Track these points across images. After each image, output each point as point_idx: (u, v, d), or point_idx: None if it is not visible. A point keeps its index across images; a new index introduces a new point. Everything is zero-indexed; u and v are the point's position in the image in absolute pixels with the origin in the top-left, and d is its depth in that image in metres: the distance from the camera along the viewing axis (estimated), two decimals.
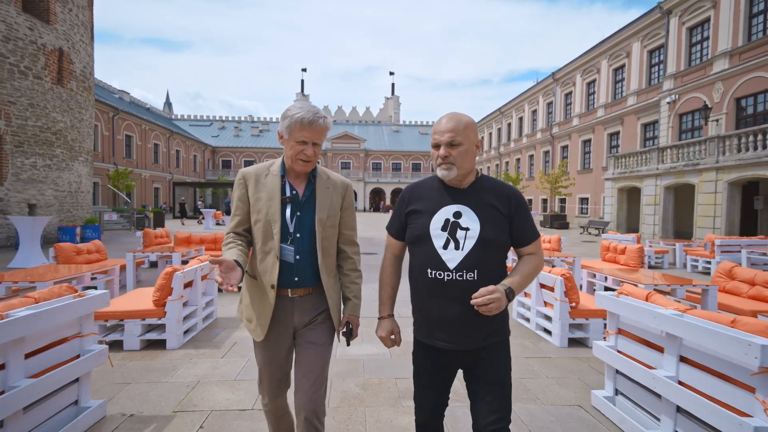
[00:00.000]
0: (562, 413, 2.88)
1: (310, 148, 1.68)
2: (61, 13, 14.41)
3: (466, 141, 1.56)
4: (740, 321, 2.08)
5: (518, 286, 1.53)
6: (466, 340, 1.56)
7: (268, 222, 1.72)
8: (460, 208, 1.59)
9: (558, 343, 4.31)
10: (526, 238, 1.61)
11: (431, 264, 1.57)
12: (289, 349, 1.84)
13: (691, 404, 2.16)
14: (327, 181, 1.83)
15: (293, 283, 1.74)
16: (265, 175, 1.78)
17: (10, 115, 12.71)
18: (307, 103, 1.72)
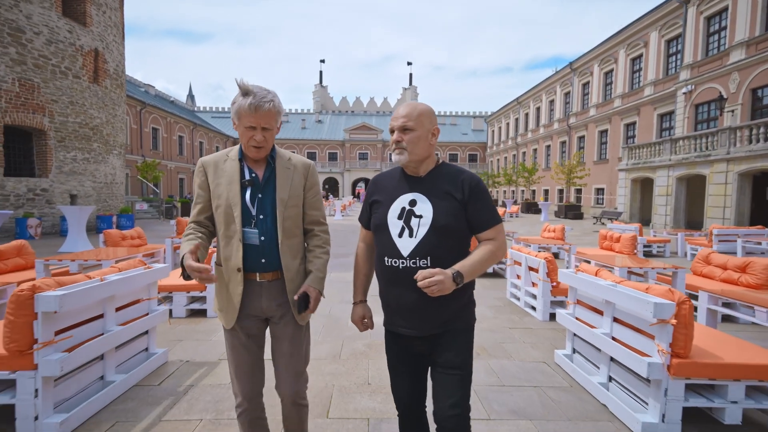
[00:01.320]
0: (529, 367, 3.55)
1: (259, 133, 1.66)
2: (95, 15, 15.39)
3: (418, 127, 1.58)
4: (652, 288, 2.70)
5: (468, 270, 1.50)
6: (423, 325, 1.59)
7: (229, 206, 1.71)
8: (416, 195, 1.61)
9: (540, 318, 4.94)
10: (481, 224, 1.60)
11: (387, 252, 1.61)
12: (259, 338, 1.84)
13: (618, 353, 2.79)
14: (287, 162, 1.82)
15: (261, 265, 1.73)
16: (224, 161, 1.78)
17: (53, 113, 13.79)
18: (258, 86, 1.66)
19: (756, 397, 2.53)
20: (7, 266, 5.15)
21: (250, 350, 1.79)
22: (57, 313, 2.41)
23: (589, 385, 3.07)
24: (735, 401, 2.48)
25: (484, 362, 3.62)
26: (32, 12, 12.89)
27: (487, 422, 2.64)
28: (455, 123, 62.48)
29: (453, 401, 1.55)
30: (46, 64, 13.44)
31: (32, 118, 13.15)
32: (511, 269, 5.97)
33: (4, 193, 12.60)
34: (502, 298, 5.99)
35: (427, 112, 1.62)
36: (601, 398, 2.92)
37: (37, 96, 13.22)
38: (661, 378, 2.45)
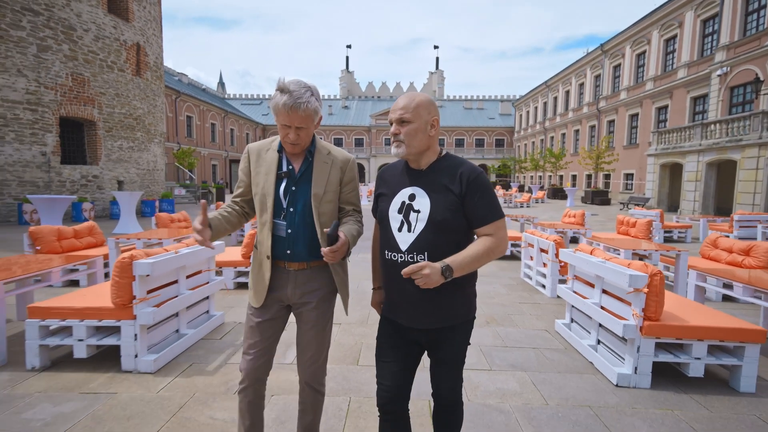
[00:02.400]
0: (531, 334, 4.07)
1: (292, 133, 1.67)
2: (137, 10, 16.30)
3: (416, 119, 1.57)
4: (632, 264, 3.16)
5: (459, 264, 1.48)
6: (422, 320, 1.60)
7: (264, 195, 1.77)
8: (415, 190, 1.61)
9: (549, 294, 5.42)
10: (479, 219, 1.56)
11: (387, 246, 1.63)
12: (279, 321, 1.88)
13: (603, 319, 3.28)
14: (326, 156, 1.83)
15: (286, 255, 1.78)
16: (267, 150, 1.82)
17: (102, 105, 14.86)
18: (297, 81, 1.65)
19: (717, 355, 2.99)
20: (81, 244, 6.00)
21: (265, 333, 1.83)
22: (149, 276, 3.10)
23: (581, 347, 3.57)
24: (698, 357, 2.94)
25: (492, 329, 4.16)
26: (81, 10, 13.86)
27: (489, 372, 3.20)
28: (482, 107, 61.71)
29: (449, 385, 1.67)
30: (95, 59, 14.46)
31: (83, 110, 14.25)
32: (525, 251, 6.43)
33: (60, 180, 13.80)
34: (516, 278, 6.47)
35: (424, 104, 1.59)
36: (588, 357, 3.43)
37: (87, 89, 14.28)
38: (635, 337, 2.94)
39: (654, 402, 2.77)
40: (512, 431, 2.43)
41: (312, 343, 1.85)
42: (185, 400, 2.69)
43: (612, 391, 2.92)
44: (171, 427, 2.40)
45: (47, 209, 8.59)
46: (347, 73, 70.55)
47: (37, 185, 13.18)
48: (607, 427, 2.48)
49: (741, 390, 2.92)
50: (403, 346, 1.68)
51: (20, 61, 12.51)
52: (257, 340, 1.82)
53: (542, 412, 2.64)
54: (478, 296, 5.16)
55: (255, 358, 1.82)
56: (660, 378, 3.06)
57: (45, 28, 12.94)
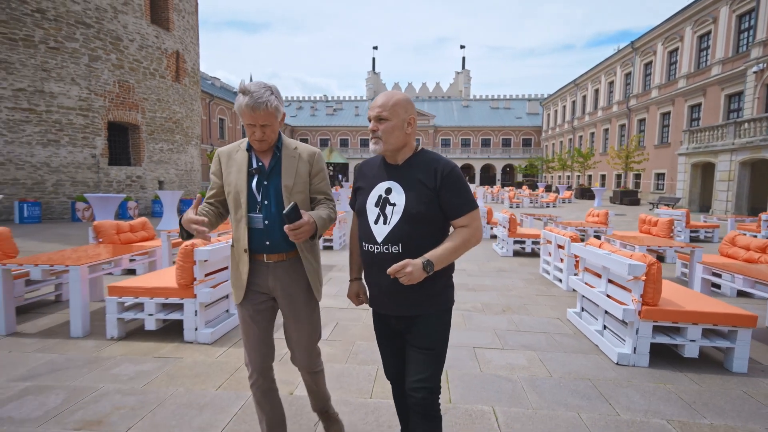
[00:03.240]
0: (543, 321, 4.40)
1: (258, 131, 1.76)
2: (177, 20, 17.29)
3: (393, 117, 1.62)
4: (634, 255, 3.47)
5: (439, 258, 1.55)
6: (396, 307, 1.68)
7: (237, 192, 1.84)
8: (391, 184, 1.67)
9: (565, 288, 5.71)
10: (454, 211, 1.62)
11: (365, 238, 1.70)
12: (268, 312, 1.95)
13: (608, 305, 3.60)
14: (293, 151, 1.92)
15: (266, 247, 1.85)
16: (236, 151, 1.91)
17: (145, 110, 15.87)
18: (258, 83, 1.74)
19: (711, 338, 3.27)
20: (136, 237, 6.68)
21: (258, 325, 1.90)
22: (207, 261, 3.63)
23: (588, 332, 3.90)
24: (693, 340, 3.23)
25: (507, 316, 4.52)
26: (128, 22, 14.87)
27: (501, 350, 3.58)
28: (509, 107, 61.17)
29: (421, 377, 1.63)
30: (139, 67, 15.47)
31: (129, 115, 15.27)
32: (544, 248, 6.72)
33: (108, 180, 14.85)
34: (535, 273, 6.77)
35: (402, 102, 1.64)
36: (595, 341, 3.75)
37: (132, 95, 15.30)
38: (634, 320, 3.26)
39: (650, 378, 3.09)
40: (518, 395, 2.81)
41: (300, 333, 1.95)
42: (239, 365, 3.20)
43: (612, 368, 3.26)
44: (231, 383, 2.91)
45: (101, 207, 9.42)
46: (374, 75, 71.26)
47: (87, 185, 14.24)
48: (603, 395, 2.83)
49: (734, 370, 3.20)
50: (392, 334, 1.79)
51: (74, 70, 13.58)
52: (252, 333, 1.91)
53: (546, 382, 3.01)
54: (497, 289, 5.60)
55: (255, 351, 1.91)
56: (658, 359, 3.37)
57: (95, 39, 13.98)
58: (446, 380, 3.00)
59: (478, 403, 2.70)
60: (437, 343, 1.68)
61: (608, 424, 2.48)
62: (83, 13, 13.60)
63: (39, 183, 13.33)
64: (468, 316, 4.48)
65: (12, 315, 3.79)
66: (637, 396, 2.82)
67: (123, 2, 14.69)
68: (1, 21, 12.17)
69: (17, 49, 12.52)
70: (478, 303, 5.01)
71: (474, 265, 7.25)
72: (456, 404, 2.68)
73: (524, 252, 8.59)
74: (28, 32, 12.61)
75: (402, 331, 1.73)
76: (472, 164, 55.40)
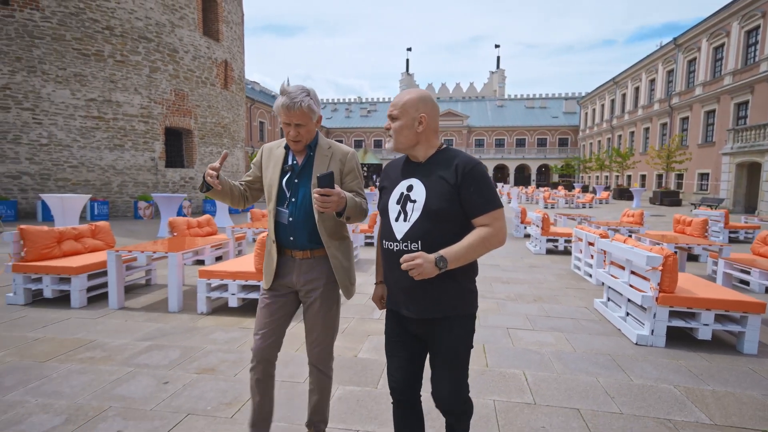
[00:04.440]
0: (572, 309, 4.85)
1: (293, 130, 1.85)
2: (225, 31, 18.47)
3: (402, 116, 1.63)
4: (653, 249, 3.89)
5: (454, 255, 1.51)
6: (418, 308, 1.62)
7: (270, 186, 1.96)
8: (413, 181, 1.66)
9: (594, 282, 6.10)
10: (474, 209, 1.59)
11: (385, 235, 1.69)
12: (287, 304, 2.01)
13: (630, 293, 4.03)
14: (326, 150, 1.99)
15: (290, 243, 1.93)
16: (277, 147, 2.02)
17: (197, 116, 17.10)
18: (297, 86, 1.83)
19: (723, 323, 3.66)
20: (203, 232, 7.55)
21: (273, 315, 1.96)
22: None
23: (612, 318, 4.34)
24: (706, 324, 3.63)
25: (538, 305, 5.00)
26: (183, 35, 16.11)
27: (531, 331, 4.08)
28: (545, 106, 60.20)
29: (451, 389, 1.63)
30: (192, 76, 16.70)
31: (183, 121, 16.52)
32: (576, 245, 7.09)
33: (165, 181, 16.13)
34: (566, 269, 7.15)
35: (412, 101, 1.64)
36: (617, 325, 4.19)
37: (186, 102, 16.54)
38: (651, 305, 3.69)
39: (665, 355, 3.52)
40: (545, 363, 3.33)
41: (317, 326, 1.99)
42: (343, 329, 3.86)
43: (631, 347, 3.70)
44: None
45: (166, 205, 10.45)
46: (407, 76, 71.76)
47: (147, 185, 15.55)
48: (620, 366, 3.30)
49: (744, 352, 3.58)
50: (407, 339, 1.73)
51: (137, 81, 14.88)
52: (266, 321, 1.97)
53: (570, 355, 3.51)
54: (529, 282, 6.07)
55: (263, 338, 1.96)
56: (675, 341, 3.78)
57: (155, 52, 15.25)
58: (483, 351, 3.54)
59: (511, 368, 3.24)
60: (461, 351, 1.65)
61: (621, 386, 2.96)
62: (145, 29, 14.89)
63: (106, 184, 14.70)
64: (502, 304, 4.98)
65: (122, 293, 4.62)
66: (650, 368, 3.27)
67: (179, 17, 15.94)
68: (76, 38, 13.57)
69: (89, 63, 13.89)
70: (511, 293, 5.50)
71: (508, 261, 7.70)
72: (492, 368, 3.23)
73: (557, 250, 8.94)
74: (99, 47, 13.97)
75: (423, 335, 1.69)
76: (506, 164, 54.96)
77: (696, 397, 2.83)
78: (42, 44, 13.14)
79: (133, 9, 14.52)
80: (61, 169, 13.85)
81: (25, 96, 13.13)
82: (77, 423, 2.40)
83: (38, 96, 13.29)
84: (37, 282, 4.66)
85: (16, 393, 2.73)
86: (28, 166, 13.42)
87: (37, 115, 13.35)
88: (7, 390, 2.76)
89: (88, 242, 5.34)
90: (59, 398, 2.67)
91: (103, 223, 5.71)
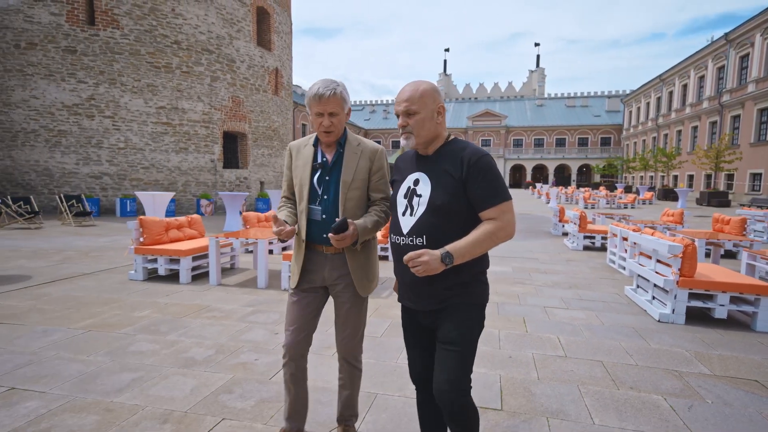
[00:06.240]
0: (604, 294, 5.44)
1: (326, 119, 1.83)
2: (276, 41, 19.78)
3: (422, 109, 1.59)
4: (675, 239, 4.46)
5: (460, 251, 1.49)
6: (422, 301, 1.65)
7: (301, 185, 1.94)
8: (419, 175, 1.65)
9: (627, 274, 6.61)
10: (481, 203, 1.55)
11: (393, 230, 1.70)
12: (317, 300, 2.02)
13: (655, 278, 4.61)
14: (356, 147, 1.97)
15: (323, 240, 1.90)
16: (305, 146, 1.99)
17: (251, 120, 18.46)
18: (324, 79, 1.84)
19: (738, 304, 4.19)
20: (269, 225, 8.59)
21: (303, 312, 1.98)
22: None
23: (639, 301, 4.91)
24: (722, 304, 4.17)
25: (573, 291, 5.61)
26: (240, 46, 17.48)
27: (565, 309, 4.73)
28: (586, 104, 58.92)
29: (448, 377, 1.56)
30: (247, 84, 18.07)
31: (239, 125, 17.91)
32: (611, 241, 7.58)
33: (222, 181, 17.56)
34: (602, 263, 7.66)
35: (429, 92, 1.61)
36: (643, 306, 4.77)
37: (241, 108, 17.92)
38: (672, 288, 4.27)
39: (683, 330, 4.10)
40: (576, 331, 4.00)
41: (348, 321, 2.02)
42: (376, 308, 4.68)
43: (653, 323, 4.29)
44: (377, 316, 4.39)
45: (231, 203, 11.65)
46: (445, 76, 71.99)
47: (207, 185, 17.01)
48: (641, 336, 3.92)
49: (757, 329, 4.10)
50: (418, 331, 1.77)
51: (200, 90, 16.35)
52: (296, 317, 1.99)
53: (598, 327, 4.15)
54: (566, 273, 6.68)
55: (294, 334, 1.97)
56: (694, 321, 4.34)
57: (216, 63, 16.68)
58: (523, 322, 4.25)
59: (547, 333, 3.93)
60: (462, 338, 1.59)
61: (640, 348, 3.60)
62: (207, 42, 16.33)
63: (173, 183, 16.23)
64: (540, 289, 5.63)
65: (219, 272, 5.63)
66: (668, 338, 3.88)
67: (237, 30, 17.32)
68: (149, 52, 15.13)
69: (160, 74, 15.44)
70: (548, 281, 6.13)
71: (546, 255, 8.27)
72: (531, 333, 3.94)
73: (594, 247, 9.38)
74: (168, 60, 15.50)
75: (431, 326, 1.70)
76: (545, 164, 54.24)
77: (703, 357, 3.44)
78: (121, 59, 14.77)
79: (198, 24, 15.98)
80: (135, 170, 15.47)
81: (106, 105, 14.80)
82: (225, 354, 3.32)
83: (117, 105, 14.93)
84: (152, 262, 5.75)
85: (173, 335, 3.71)
86: (108, 167, 15.10)
87: (116, 122, 15.00)
88: (165, 333, 3.75)
89: (187, 231, 6.42)
90: (204, 339, 3.62)
91: (196, 216, 6.79)
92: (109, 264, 6.69)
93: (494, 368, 3.17)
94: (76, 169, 14.83)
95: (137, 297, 4.93)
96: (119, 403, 2.57)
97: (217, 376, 2.95)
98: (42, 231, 10.49)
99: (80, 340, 3.55)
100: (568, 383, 2.95)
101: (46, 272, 6.06)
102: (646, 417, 2.53)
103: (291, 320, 2.00)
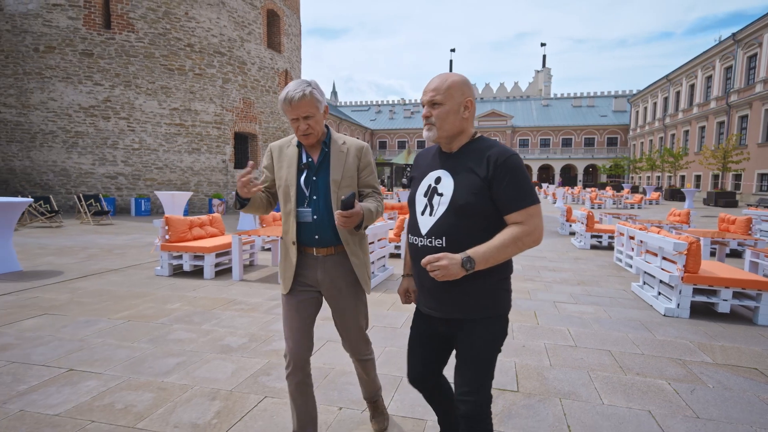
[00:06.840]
0: (611, 290, 5.64)
1: (302, 123, 1.80)
2: (286, 43, 20.08)
3: (448, 101, 1.52)
4: (681, 236, 4.66)
5: (483, 256, 1.40)
6: (441, 307, 1.57)
7: (287, 186, 1.90)
8: (441, 173, 1.58)
9: (634, 271, 6.81)
10: (506, 205, 1.47)
11: (411, 230, 1.64)
12: (311, 305, 1.98)
13: (660, 274, 4.81)
14: (341, 146, 1.95)
15: (315, 241, 1.90)
16: (287, 146, 1.96)
17: (261, 121, 18.77)
18: (294, 81, 1.80)
19: (740, 299, 4.38)
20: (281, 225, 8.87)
21: (300, 316, 1.94)
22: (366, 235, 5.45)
23: (645, 297, 5.11)
24: (726, 299, 4.37)
25: (581, 287, 5.82)
26: (251, 49, 17.79)
27: (573, 304, 4.95)
28: (593, 104, 58.84)
29: (468, 389, 1.53)
30: (258, 85, 18.37)
31: (249, 126, 18.22)
32: (618, 239, 7.77)
33: (233, 181, 17.85)
34: (609, 261, 7.85)
35: (458, 84, 1.53)
36: (649, 302, 4.97)
37: (252, 109, 18.23)
38: (677, 284, 4.48)
39: (687, 323, 4.30)
40: (585, 323, 4.22)
41: (351, 323, 2.03)
42: (393, 302, 4.92)
43: (659, 317, 4.50)
44: (394, 309, 4.63)
45: None
46: None
47: (218, 185, 17.33)
48: (647, 328, 4.13)
49: (759, 323, 4.29)
50: (431, 338, 1.71)
51: (212, 91, 16.67)
52: (294, 324, 1.94)
53: (606, 320, 4.37)
54: (573, 270, 6.88)
55: (295, 341, 1.94)
56: (699, 315, 4.54)
57: (227, 65, 17.00)
58: (534, 316, 4.47)
59: (557, 326, 4.16)
60: (486, 353, 1.56)
61: (646, 339, 3.81)
62: (219, 44, 16.65)
63: (185, 183, 16.57)
64: (549, 285, 5.85)
65: (242, 268, 5.89)
66: (672, 330, 4.08)
67: (248, 32, 17.63)
68: (163, 55, 15.47)
69: (173, 76, 15.77)
70: (557, 278, 6.34)
71: (554, 254, 8.47)
72: (542, 325, 4.16)
73: (600, 246, 9.56)
74: (181, 63, 15.83)
75: (448, 334, 1.64)
76: (551, 165, 54.25)
77: (706, 348, 3.65)
78: (136, 61, 15.11)
79: (210, 27, 16.30)
80: (149, 170, 15.81)
81: (122, 107, 15.15)
82: (257, 342, 3.58)
83: (132, 107, 15.28)
84: (177, 259, 6.03)
85: (207, 325, 3.97)
86: (123, 167, 15.45)
87: (131, 124, 15.35)
88: (199, 323, 4.02)
89: (208, 229, 6.69)
90: (236, 329, 3.88)
91: (217, 215, 7.07)
92: (134, 261, 6.98)
93: (509, 356, 3.39)
94: (92, 170, 15.20)
95: (166, 291, 5.20)
96: (170, 382, 2.83)
97: (253, 360, 3.21)
98: (63, 229, 10.83)
99: (122, 329, 3.82)
100: (578, 369, 3.17)
101: (75, 268, 6.35)
102: (652, 398, 2.75)
103: (290, 327, 1.95)
